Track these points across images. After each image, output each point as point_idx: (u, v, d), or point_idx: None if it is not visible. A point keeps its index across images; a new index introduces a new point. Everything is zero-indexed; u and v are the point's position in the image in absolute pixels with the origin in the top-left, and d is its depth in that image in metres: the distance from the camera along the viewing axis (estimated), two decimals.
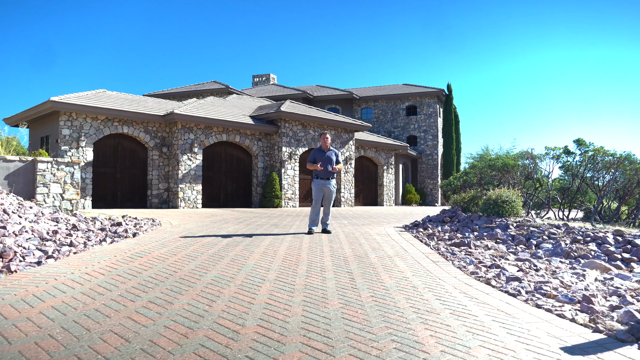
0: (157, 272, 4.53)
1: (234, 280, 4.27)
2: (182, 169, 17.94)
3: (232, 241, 6.80)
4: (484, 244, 6.96)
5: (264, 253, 5.79)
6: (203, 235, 7.44)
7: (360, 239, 7.53)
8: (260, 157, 20.82)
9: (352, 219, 12.65)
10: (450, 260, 5.75)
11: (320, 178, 8.19)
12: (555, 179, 12.37)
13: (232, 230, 8.52)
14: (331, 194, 8.26)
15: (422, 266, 5.32)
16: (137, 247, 6.05)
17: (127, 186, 17.69)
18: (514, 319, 3.45)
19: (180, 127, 18.01)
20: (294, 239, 7.22)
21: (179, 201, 17.76)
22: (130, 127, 17.39)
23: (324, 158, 8.18)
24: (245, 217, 12.69)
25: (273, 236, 7.58)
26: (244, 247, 6.20)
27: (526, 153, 10.29)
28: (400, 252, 6.25)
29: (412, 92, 33.32)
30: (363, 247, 6.54)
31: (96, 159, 16.73)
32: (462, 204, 9.29)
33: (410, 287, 4.31)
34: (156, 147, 18.14)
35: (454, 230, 8.02)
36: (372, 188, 27.26)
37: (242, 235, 7.56)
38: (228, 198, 20.06)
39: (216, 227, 9.14)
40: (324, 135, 8.24)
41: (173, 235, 7.36)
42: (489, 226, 7.84)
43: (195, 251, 5.80)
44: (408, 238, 7.64)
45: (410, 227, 9.02)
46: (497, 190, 8.47)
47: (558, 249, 6.48)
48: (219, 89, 32.53)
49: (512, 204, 8.14)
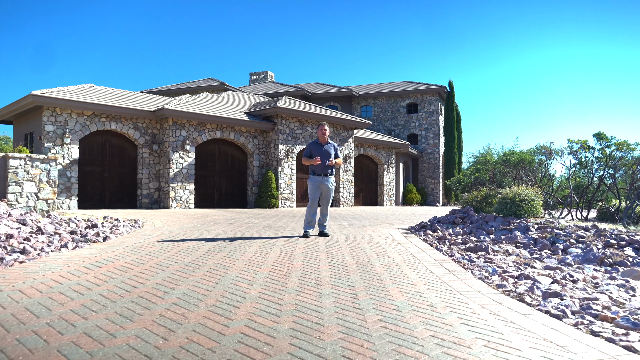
0: (113, 287, 3.67)
1: (207, 299, 3.41)
2: (173, 167, 17.07)
3: (215, 246, 5.94)
4: (503, 249, 6.10)
5: (249, 261, 4.93)
6: (184, 239, 6.58)
7: (362, 243, 6.68)
8: (255, 155, 19.96)
9: (352, 220, 11.79)
10: (469, 269, 4.90)
11: (317, 174, 7.31)
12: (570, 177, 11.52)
13: (219, 232, 7.66)
14: (329, 192, 7.39)
15: (437, 277, 4.47)
16: (101, 254, 5.19)
17: (116, 186, 16.81)
18: (572, 355, 2.59)
19: (172, 124, 17.14)
20: (286, 244, 6.36)
21: (171, 201, 16.89)
22: (118, 123, 16.52)
23: (321, 152, 7.31)
24: (238, 218, 11.84)
25: (264, 240, 6.71)
26: (228, 254, 5.34)
27: (543, 148, 9.45)
28: (409, 258, 5.40)
29: (413, 90, 32.45)
30: (366, 253, 5.69)
31: (82, 157, 15.85)
32: (475, 203, 8.44)
33: (427, 306, 3.46)
34: (146, 145, 17.27)
35: (466, 232, 7.16)
36: (372, 187, 26.40)
37: (228, 239, 6.70)
38: (222, 198, 19.19)
39: (202, 229, 8.28)
40: (322, 127, 7.36)
41: (150, 239, 6.49)
42: (506, 228, 6.99)
43: (168, 259, 4.94)
44: (416, 242, 6.78)
45: (417, 229, 8.16)
46: (514, 188, 7.62)
47: (589, 254, 5.62)
48: (215, 86, 31.65)
49: (531, 203, 7.28)
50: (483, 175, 10.15)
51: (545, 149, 9.39)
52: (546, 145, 9.31)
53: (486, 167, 10.17)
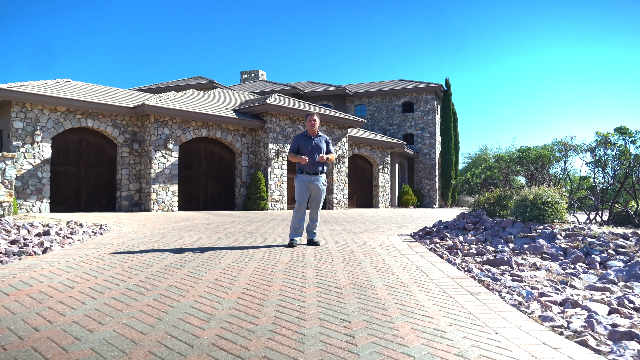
0: (2, 332, 2.57)
1: (134, 351, 2.33)
2: (155, 167, 15.94)
3: (179, 260, 4.85)
4: (528, 262, 5.06)
5: (215, 282, 3.85)
6: (145, 250, 5.48)
7: (358, 253, 5.62)
8: (244, 155, 18.86)
9: (346, 224, 10.73)
10: (496, 292, 3.85)
11: (306, 172, 6.23)
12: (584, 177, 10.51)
13: (192, 240, 6.57)
14: (320, 193, 6.31)
15: (457, 304, 3.41)
16: (26, 272, 4.09)
17: (93, 187, 15.65)
18: None
19: (153, 121, 16.02)
20: (267, 255, 5.28)
21: (152, 203, 15.76)
22: (96, 120, 15.37)
23: (310, 146, 6.23)
24: (221, 222, 10.74)
25: (241, 250, 5.63)
26: (191, 271, 4.26)
27: (561, 143, 8.43)
28: (418, 275, 4.34)
29: (409, 88, 31.46)
30: (364, 268, 4.62)
31: (56, 156, 14.70)
32: (487, 206, 7.40)
33: (455, 356, 2.40)
34: (126, 143, 16.13)
35: (481, 240, 6.11)
36: (366, 189, 25.36)
37: (198, 250, 5.61)
38: (208, 200, 18.07)
39: (174, 236, 7.19)
40: (311, 117, 6.27)
41: (103, 251, 5.39)
42: (527, 236, 5.95)
43: (110, 280, 3.86)
44: (422, 252, 5.73)
45: (421, 236, 7.11)
46: (533, 188, 6.60)
47: (636, 268, 4.59)
48: (204, 84, 30.50)
49: (555, 206, 6.26)
50: (496, 175, 9.12)
51: (565, 145, 8.38)
52: (565, 141, 8.30)
53: (499, 164, 9.14)
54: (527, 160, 8.31)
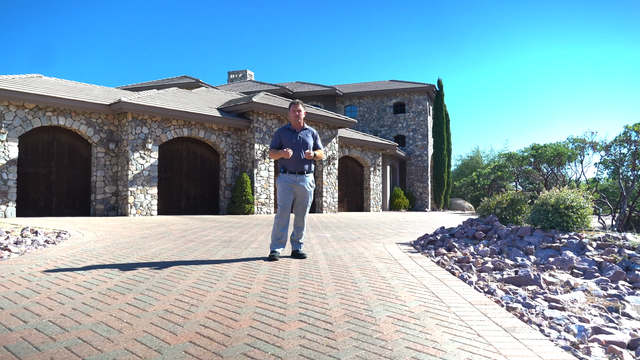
0: None
1: None
2: (133, 168, 14.90)
3: (128, 279, 3.88)
4: (559, 279, 4.17)
5: (164, 315, 2.89)
6: (91, 267, 4.49)
7: (352, 269, 4.68)
8: (229, 156, 17.86)
9: (337, 230, 9.80)
10: (534, 325, 2.94)
11: (290, 172, 5.27)
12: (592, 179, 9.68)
13: (155, 252, 5.59)
14: (306, 196, 5.36)
15: (491, 348, 2.50)
16: None
17: (65, 190, 14.57)
18: None
19: (131, 119, 14.98)
20: (242, 273, 4.33)
21: (129, 207, 14.71)
22: (68, 118, 14.30)
23: (295, 141, 5.29)
24: (199, 227, 9.76)
25: (210, 265, 4.67)
26: (136, 297, 3.29)
27: (577, 140, 7.57)
28: (430, 301, 3.42)
29: (400, 89, 30.65)
30: (361, 291, 3.69)
31: (23, 157, 13.61)
32: (498, 210, 6.51)
33: None
34: (102, 143, 15.07)
35: (495, 252, 5.21)
36: (357, 191, 24.45)
37: (158, 265, 4.63)
38: (191, 204, 17.04)
39: (137, 246, 6.20)
40: (295, 106, 5.31)
41: (39, 267, 4.40)
42: (551, 246, 5.06)
43: (19, 313, 2.89)
44: (428, 266, 4.80)
45: (423, 245, 6.20)
46: (554, 190, 5.72)
47: None
48: (189, 84, 29.41)
49: (580, 211, 5.38)
50: (506, 175, 8.24)
51: (582, 142, 7.53)
52: (584, 137, 7.44)
53: (512, 162, 8.23)
54: (544, 158, 7.45)
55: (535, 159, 7.66)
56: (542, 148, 7.70)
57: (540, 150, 7.63)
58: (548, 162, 7.53)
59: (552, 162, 7.52)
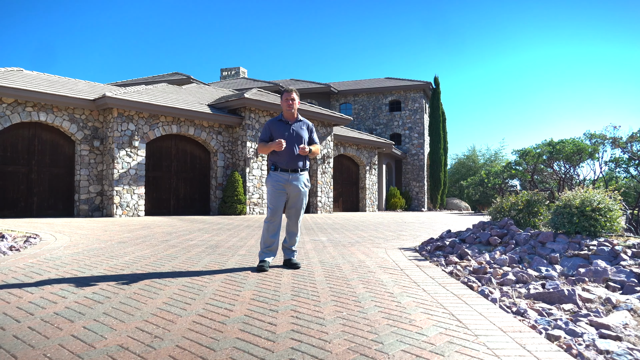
0: None
1: None
2: (118, 167, 14.19)
3: (86, 298, 3.23)
4: (596, 295, 3.56)
5: (117, 352, 2.25)
6: (47, 281, 3.83)
7: (354, 282, 4.05)
8: (220, 154, 17.18)
9: (333, 233, 9.17)
10: None
11: (282, 170, 4.61)
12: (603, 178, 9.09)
13: (129, 260, 4.93)
14: (300, 197, 4.72)
15: None
16: None
17: (47, 190, 13.84)
18: None
19: (117, 116, 14.27)
20: (224, 288, 3.69)
21: (115, 208, 14.00)
22: (50, 114, 13.57)
23: (287, 133, 4.65)
24: (186, 230, 9.10)
25: (189, 278, 4.02)
26: (88, 325, 2.64)
27: (595, 136, 6.97)
28: (452, 327, 2.79)
29: (396, 86, 30.04)
30: (366, 313, 3.06)
31: (2, 155, 12.90)
32: (513, 213, 5.91)
33: None
34: (86, 140, 14.34)
35: (515, 260, 4.59)
36: (352, 191, 23.84)
37: (127, 278, 3.98)
38: (180, 204, 16.34)
39: (111, 253, 5.54)
40: (288, 94, 4.64)
41: None
42: (579, 254, 4.45)
43: None
44: (441, 279, 4.18)
45: (430, 252, 5.57)
46: (577, 190, 5.11)
47: None
48: (180, 80, 28.67)
49: (609, 214, 4.79)
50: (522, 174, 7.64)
51: (602, 138, 6.92)
52: (604, 133, 6.82)
53: (527, 159, 7.60)
54: (563, 154, 6.84)
55: (551, 155, 7.07)
56: (560, 144, 7.10)
57: (558, 146, 7.03)
58: (567, 158, 6.93)
59: (572, 160, 6.93)
